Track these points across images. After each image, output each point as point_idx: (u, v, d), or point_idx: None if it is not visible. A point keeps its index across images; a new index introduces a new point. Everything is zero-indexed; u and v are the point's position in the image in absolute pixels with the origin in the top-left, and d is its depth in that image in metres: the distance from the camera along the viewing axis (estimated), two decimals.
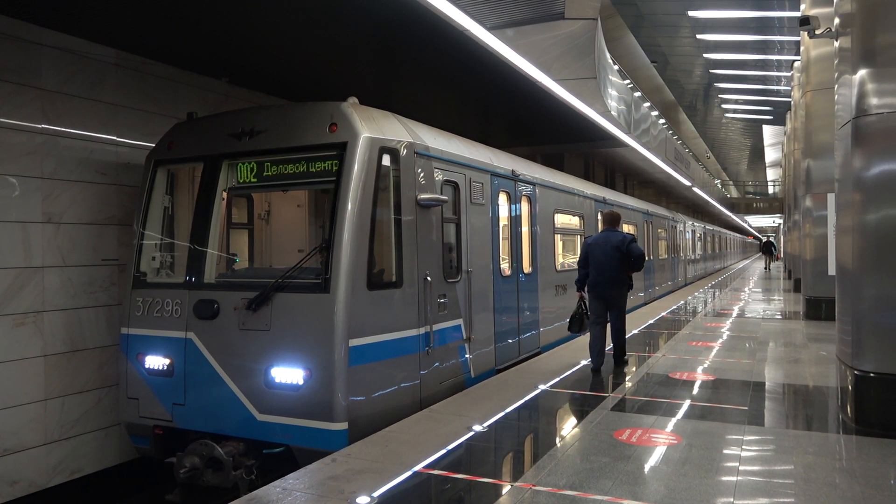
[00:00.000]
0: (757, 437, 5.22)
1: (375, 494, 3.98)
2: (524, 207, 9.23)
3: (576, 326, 7.97)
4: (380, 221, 5.73)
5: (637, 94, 19.99)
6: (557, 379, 7.27)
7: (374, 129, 5.75)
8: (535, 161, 12.17)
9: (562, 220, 11.07)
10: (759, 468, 4.52)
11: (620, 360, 8.01)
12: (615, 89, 15.27)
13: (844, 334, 5.53)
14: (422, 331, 6.17)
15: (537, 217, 9.63)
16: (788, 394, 6.92)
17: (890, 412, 5.05)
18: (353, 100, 5.95)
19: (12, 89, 6.31)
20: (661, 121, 26.91)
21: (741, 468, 4.45)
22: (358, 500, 3.89)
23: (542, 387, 6.86)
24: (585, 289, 7.86)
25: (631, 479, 4.22)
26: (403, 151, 6.03)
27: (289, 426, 5.29)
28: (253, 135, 6.05)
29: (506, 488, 4.10)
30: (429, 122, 7.29)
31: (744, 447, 4.92)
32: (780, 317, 13.82)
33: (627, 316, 8.97)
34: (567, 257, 12.07)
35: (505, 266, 8.45)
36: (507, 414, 5.84)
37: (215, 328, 5.69)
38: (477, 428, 5.34)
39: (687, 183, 28.20)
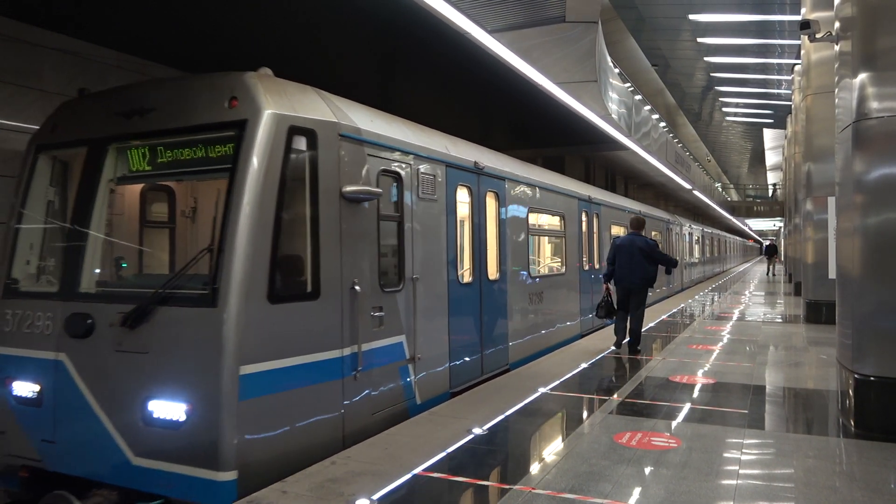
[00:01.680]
0: (757, 441, 5.21)
1: (375, 497, 3.97)
2: (491, 205, 8.14)
3: (602, 312, 9.41)
4: (288, 218, 4.80)
5: (638, 97, 20.03)
6: (557, 382, 7.27)
7: (284, 104, 4.85)
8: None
9: (539, 220, 10.06)
10: (760, 472, 4.51)
11: (634, 349, 9.16)
12: (616, 92, 15.31)
13: (845, 338, 5.52)
14: (346, 352, 5.17)
15: (507, 216, 8.54)
16: (789, 397, 6.91)
17: (890, 416, 5.05)
18: (266, 70, 5.08)
19: (14, 91, 6.33)
20: (662, 124, 26.96)
21: (741, 472, 4.44)
22: (357, 502, 3.88)
23: (542, 390, 6.85)
24: (612, 282, 9.29)
25: (631, 482, 4.22)
26: (323, 133, 5.08)
27: (167, 473, 4.34)
28: (143, 113, 5.01)
29: (506, 492, 4.09)
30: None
31: (744, 451, 4.91)
32: (780, 320, 13.82)
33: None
34: (546, 261, 11.36)
35: (464, 272, 7.52)
36: (507, 417, 5.83)
37: (89, 349, 4.70)
38: (477, 431, 5.33)
39: (687, 186, 28.24)
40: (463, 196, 7.50)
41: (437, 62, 8.78)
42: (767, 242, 47.25)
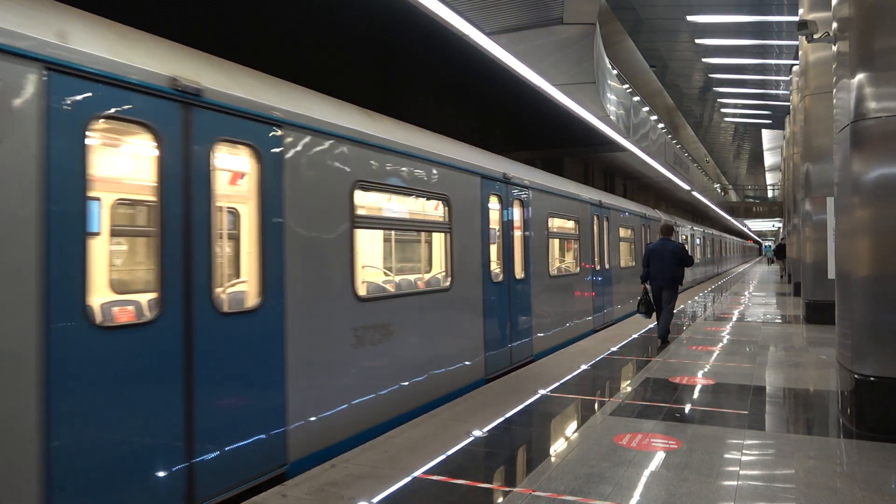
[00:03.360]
0: (757, 442, 5.20)
1: (375, 500, 3.96)
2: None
3: (643, 308, 10.38)
4: None
5: (636, 98, 20.05)
6: (557, 384, 7.26)
7: None
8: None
9: (406, 206, 7.16)
10: (760, 472, 4.51)
11: (665, 339, 10.32)
12: (614, 94, 15.32)
13: (844, 338, 5.52)
14: None
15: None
16: (789, 398, 6.90)
17: (890, 416, 5.04)
18: None
19: None
20: (661, 125, 27.00)
21: (742, 472, 4.44)
22: None
23: (542, 392, 6.85)
24: (648, 282, 10.36)
25: (631, 484, 4.21)
26: None
27: None
28: None
29: (506, 494, 4.09)
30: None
31: (744, 451, 4.91)
32: (780, 320, 13.81)
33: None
34: (414, 271, 8.55)
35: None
36: (507, 419, 5.83)
37: None
38: (477, 433, 5.33)
39: (686, 187, 28.25)
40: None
41: (434, 64, 8.79)
42: (773, 243, 46.98)
